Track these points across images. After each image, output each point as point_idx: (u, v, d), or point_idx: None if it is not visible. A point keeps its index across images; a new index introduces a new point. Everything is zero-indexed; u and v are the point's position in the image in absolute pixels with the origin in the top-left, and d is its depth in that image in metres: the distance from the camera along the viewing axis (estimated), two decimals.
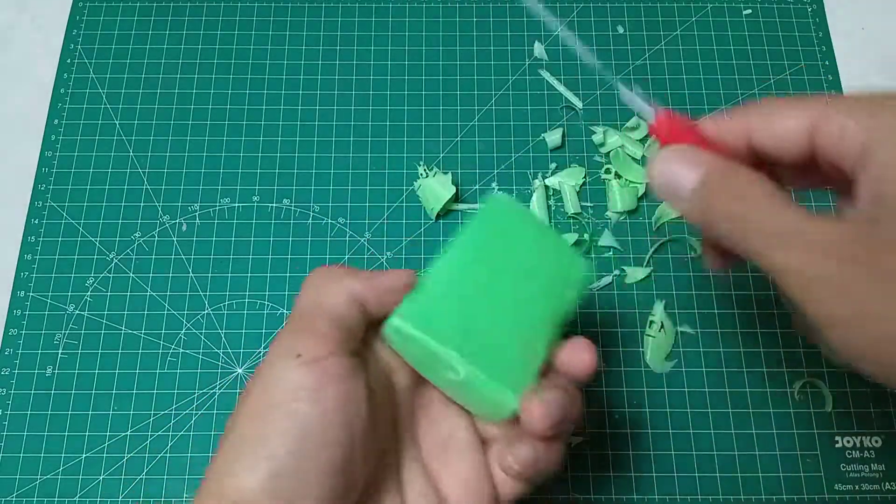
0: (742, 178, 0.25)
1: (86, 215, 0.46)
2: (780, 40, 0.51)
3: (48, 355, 0.43)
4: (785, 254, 0.23)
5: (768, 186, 0.24)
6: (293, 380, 0.27)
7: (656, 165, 0.27)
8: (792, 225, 0.23)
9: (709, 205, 0.25)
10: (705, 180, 0.26)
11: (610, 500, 0.40)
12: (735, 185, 0.25)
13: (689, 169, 0.26)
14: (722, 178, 0.25)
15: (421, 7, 0.52)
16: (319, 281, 0.30)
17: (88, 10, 0.52)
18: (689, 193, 0.26)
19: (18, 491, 0.40)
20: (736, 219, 0.24)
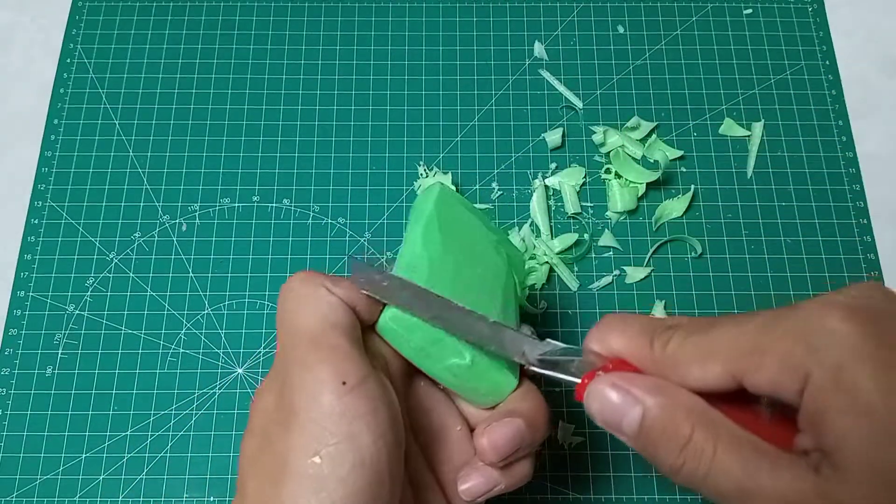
0: (688, 416, 0.24)
1: (86, 215, 0.46)
2: (780, 40, 0.51)
3: (48, 355, 0.43)
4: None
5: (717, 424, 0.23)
6: (349, 407, 0.25)
7: (591, 394, 0.26)
8: (749, 482, 0.22)
9: (654, 454, 0.25)
10: (643, 426, 0.24)
11: (610, 500, 0.40)
12: (681, 427, 0.24)
13: (626, 405, 0.25)
14: (667, 418, 0.24)
15: (421, 7, 0.52)
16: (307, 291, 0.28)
17: (88, 10, 0.52)
18: (630, 434, 0.25)
19: (18, 491, 0.40)
20: (683, 473, 0.24)
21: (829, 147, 0.48)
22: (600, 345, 0.27)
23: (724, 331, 0.24)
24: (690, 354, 0.24)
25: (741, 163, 0.48)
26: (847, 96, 0.50)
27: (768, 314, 0.24)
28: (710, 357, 0.24)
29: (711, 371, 0.24)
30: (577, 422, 0.41)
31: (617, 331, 0.26)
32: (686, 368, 0.24)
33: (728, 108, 0.49)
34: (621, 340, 0.26)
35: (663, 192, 0.47)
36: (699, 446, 0.23)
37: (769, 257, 0.45)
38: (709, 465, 0.23)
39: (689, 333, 0.25)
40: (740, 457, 0.22)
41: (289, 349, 0.27)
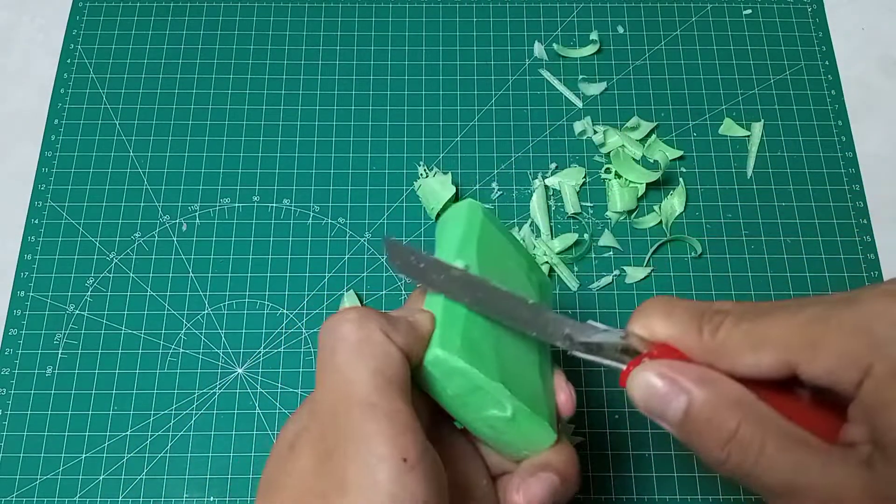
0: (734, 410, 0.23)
1: (86, 215, 0.46)
2: (780, 40, 0.51)
3: (48, 355, 0.43)
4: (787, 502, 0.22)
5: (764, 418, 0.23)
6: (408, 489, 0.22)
7: (635, 381, 0.25)
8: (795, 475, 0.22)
9: (698, 445, 0.24)
10: (688, 417, 0.24)
11: (610, 500, 0.40)
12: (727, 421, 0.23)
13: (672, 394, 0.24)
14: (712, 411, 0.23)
15: (421, 7, 0.52)
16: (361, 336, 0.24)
17: (88, 10, 0.52)
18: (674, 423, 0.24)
19: (18, 491, 0.40)
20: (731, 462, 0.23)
21: (829, 147, 0.48)
22: (645, 329, 0.25)
23: (778, 319, 0.23)
24: (742, 342, 0.23)
25: (741, 163, 0.48)
26: (847, 96, 0.50)
27: (823, 302, 0.23)
28: (763, 346, 0.23)
29: (764, 360, 0.23)
30: (577, 422, 0.41)
31: (663, 315, 0.25)
32: (737, 356, 0.23)
33: (728, 108, 0.49)
34: (667, 325, 0.25)
35: (663, 192, 0.47)
36: (746, 441, 0.22)
37: (769, 257, 0.45)
38: (755, 460, 0.22)
39: (740, 320, 0.24)
40: (789, 453, 0.22)
41: (339, 410, 0.23)
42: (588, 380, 0.42)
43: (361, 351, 0.24)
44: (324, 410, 0.24)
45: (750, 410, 0.23)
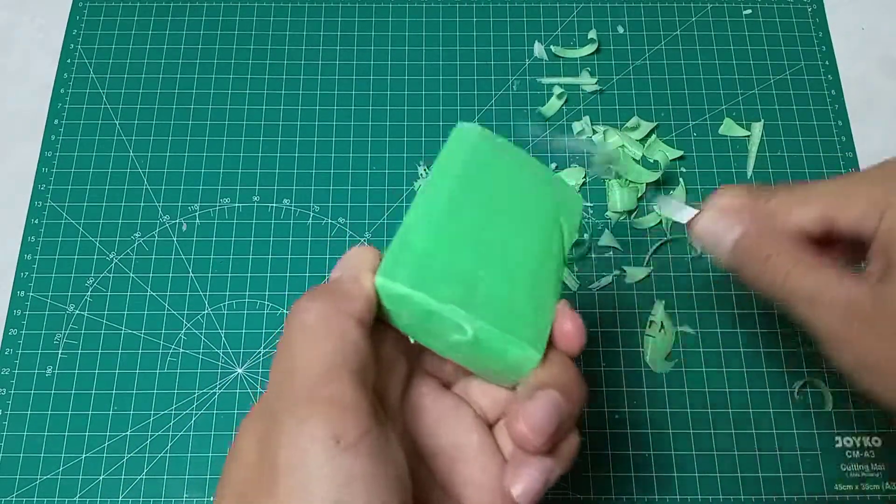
0: (770, 242, 0.29)
1: (86, 215, 0.46)
2: (780, 40, 0.51)
3: (48, 355, 0.43)
4: (808, 311, 0.27)
5: (793, 251, 0.28)
6: (342, 469, 0.21)
7: (699, 221, 0.31)
8: (817, 287, 0.27)
9: (742, 264, 0.30)
10: (740, 242, 0.29)
11: (610, 500, 0.40)
12: (764, 249, 0.29)
13: (727, 229, 0.30)
14: (754, 241, 0.29)
15: (421, 7, 0.52)
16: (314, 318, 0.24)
17: (88, 10, 0.52)
18: (727, 251, 0.30)
19: (18, 491, 0.40)
20: (765, 279, 0.28)
21: (829, 147, 0.48)
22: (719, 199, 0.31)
23: (819, 183, 0.29)
24: (791, 202, 0.29)
25: (741, 163, 0.48)
26: (847, 96, 0.50)
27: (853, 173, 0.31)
28: (807, 202, 0.29)
29: (809, 213, 0.28)
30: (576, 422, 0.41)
31: (732, 190, 0.31)
32: (786, 214, 0.29)
33: (728, 108, 0.49)
34: (732, 198, 0.30)
35: (663, 192, 0.47)
36: (780, 263, 0.28)
37: None
38: (784, 277, 0.28)
39: (791, 189, 0.30)
40: (812, 272, 0.27)
41: (282, 392, 0.23)
42: (588, 380, 0.42)
43: (317, 334, 0.23)
44: (270, 397, 0.23)
45: (783, 242, 0.28)
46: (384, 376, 0.26)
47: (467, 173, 0.27)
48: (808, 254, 0.28)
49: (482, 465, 0.26)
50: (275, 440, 0.22)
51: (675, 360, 0.43)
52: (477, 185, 0.27)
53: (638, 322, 0.44)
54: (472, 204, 0.26)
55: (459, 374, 0.29)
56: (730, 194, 0.31)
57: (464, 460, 0.26)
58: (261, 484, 0.22)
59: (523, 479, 0.25)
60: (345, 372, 0.23)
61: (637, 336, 0.43)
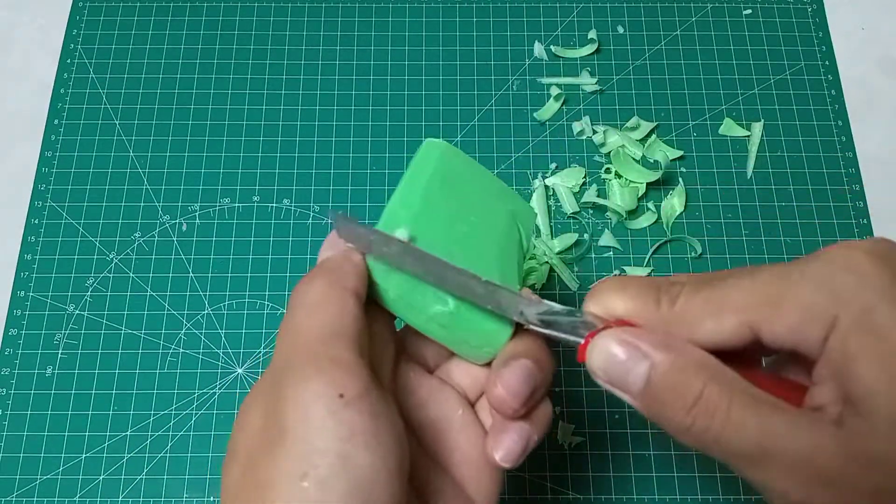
0: (693, 377, 0.22)
1: (86, 215, 0.46)
2: (780, 40, 0.52)
3: (48, 355, 0.43)
4: (764, 475, 0.21)
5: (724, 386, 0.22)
6: (344, 423, 0.21)
7: (593, 351, 0.24)
8: (768, 439, 0.21)
9: (661, 410, 0.23)
10: (654, 380, 0.23)
11: (610, 500, 0.40)
12: (687, 388, 0.22)
13: (632, 362, 0.23)
14: (670, 379, 0.22)
15: (421, 7, 0.52)
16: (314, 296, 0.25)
17: (88, 10, 0.52)
18: (637, 393, 0.23)
19: (18, 491, 0.40)
20: (695, 429, 0.22)
21: (829, 147, 0.48)
22: (600, 307, 0.25)
23: (737, 282, 0.23)
24: (702, 308, 0.23)
25: (741, 163, 0.48)
26: (847, 96, 0.50)
27: (781, 264, 0.23)
28: (724, 309, 0.23)
29: (726, 324, 0.22)
30: (576, 422, 0.41)
31: (617, 291, 0.25)
32: (698, 324, 0.23)
33: (728, 108, 0.49)
34: (624, 301, 0.24)
35: (663, 192, 0.47)
36: (712, 403, 0.22)
37: (769, 257, 0.45)
38: (722, 424, 0.21)
39: (698, 289, 0.23)
40: (757, 415, 0.21)
41: (285, 359, 0.24)
42: (588, 380, 0.42)
43: (316, 309, 0.24)
44: (275, 368, 0.24)
45: (715, 372, 0.22)
46: (376, 353, 0.27)
47: (438, 176, 0.29)
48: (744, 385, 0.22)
49: (466, 436, 0.28)
50: (280, 402, 0.22)
51: None
52: (446, 186, 0.29)
53: None
54: (444, 199, 0.29)
55: (440, 361, 0.30)
56: (621, 300, 0.24)
57: (450, 431, 0.28)
58: (267, 443, 0.22)
59: (505, 443, 0.26)
60: (343, 339, 0.24)
61: None
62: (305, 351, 0.23)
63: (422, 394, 0.28)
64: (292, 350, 0.24)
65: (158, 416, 0.42)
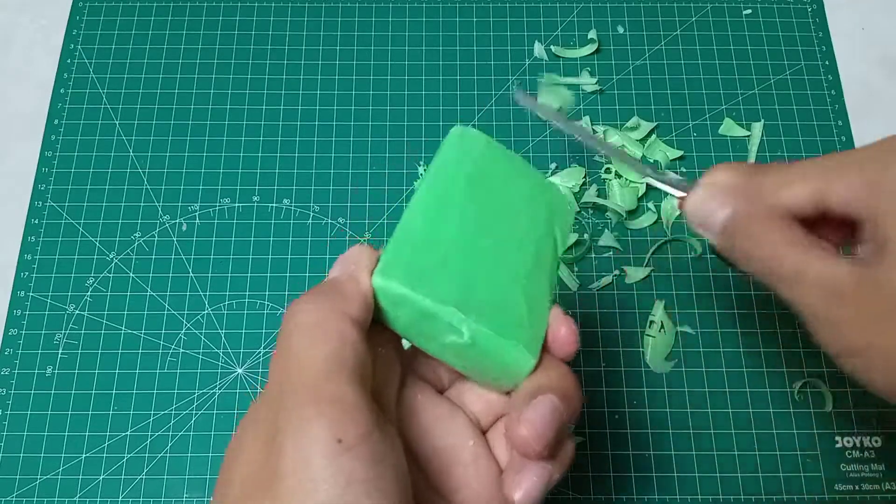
0: (762, 222, 0.27)
1: (86, 215, 0.46)
2: (780, 40, 0.51)
3: (48, 355, 0.43)
4: (797, 292, 0.26)
5: (785, 231, 0.27)
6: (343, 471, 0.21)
7: (690, 199, 0.30)
8: (803, 267, 0.26)
9: (732, 245, 0.28)
10: (730, 222, 0.28)
11: (610, 500, 0.40)
12: (755, 229, 0.28)
13: (719, 207, 0.29)
14: (745, 221, 0.28)
15: (421, 7, 0.53)
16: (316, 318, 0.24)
17: (88, 10, 0.52)
18: (718, 231, 0.29)
19: (18, 491, 0.40)
20: (755, 260, 0.27)
21: (829, 147, 0.48)
22: (710, 177, 0.30)
23: (811, 161, 0.28)
24: (783, 180, 0.28)
25: None
26: (847, 96, 0.50)
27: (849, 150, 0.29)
28: (800, 180, 0.27)
29: (800, 192, 0.27)
30: (577, 422, 0.41)
31: (725, 168, 0.30)
32: (778, 193, 0.28)
33: (728, 108, 0.49)
34: (727, 174, 0.29)
35: (663, 192, 0.47)
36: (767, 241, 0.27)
37: None
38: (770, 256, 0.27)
39: (784, 168, 0.28)
40: (799, 249, 0.26)
41: (285, 392, 0.23)
42: (588, 380, 0.42)
43: (315, 335, 0.23)
44: (272, 397, 0.23)
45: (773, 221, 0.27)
46: (380, 378, 0.26)
47: (464, 177, 0.27)
48: (796, 233, 0.27)
49: (476, 470, 0.26)
50: (279, 441, 0.22)
51: (675, 360, 0.43)
52: (473, 190, 0.27)
53: (638, 322, 0.44)
54: (469, 208, 0.27)
55: (453, 379, 0.29)
56: (723, 173, 0.30)
57: (458, 464, 0.26)
58: (264, 484, 0.22)
59: (524, 484, 0.25)
60: (345, 373, 0.23)
61: (637, 336, 0.43)
62: (304, 386, 0.22)
63: (429, 418, 0.27)
64: (289, 383, 0.23)
65: (158, 416, 0.42)
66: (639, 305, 0.44)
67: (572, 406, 0.26)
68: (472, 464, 0.27)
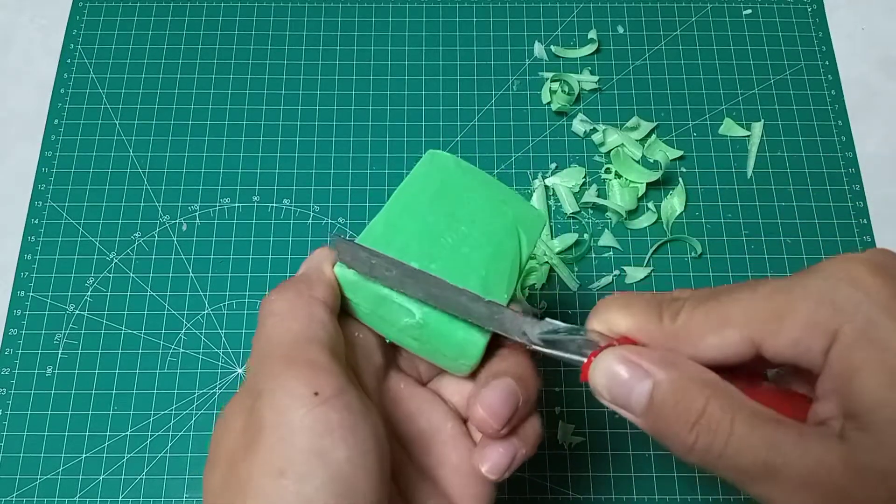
0: (695, 394, 0.22)
1: (86, 215, 0.46)
2: (780, 40, 0.51)
3: (48, 355, 0.43)
4: (764, 489, 0.21)
5: (726, 402, 0.22)
6: (320, 419, 0.22)
7: (596, 370, 0.24)
8: (773, 458, 0.21)
9: (664, 428, 0.23)
10: (657, 397, 0.23)
11: (610, 500, 0.40)
12: (689, 405, 0.22)
13: (635, 380, 0.23)
14: (677, 394, 0.22)
15: (421, 7, 0.53)
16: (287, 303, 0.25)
17: (88, 10, 0.52)
18: (641, 411, 0.23)
19: (18, 491, 0.40)
20: (699, 447, 0.22)
21: (829, 147, 0.48)
22: (603, 324, 0.25)
23: (738, 297, 0.23)
24: (704, 323, 0.23)
25: (741, 163, 0.48)
26: (847, 96, 0.50)
27: (782, 279, 0.23)
28: (726, 324, 0.23)
29: (728, 338, 0.22)
30: (577, 422, 0.41)
31: (620, 308, 0.25)
32: (700, 339, 0.23)
33: (728, 108, 0.49)
34: (626, 318, 0.24)
35: (663, 192, 0.47)
36: (715, 420, 0.21)
37: (769, 257, 0.45)
38: (726, 440, 0.21)
39: (700, 304, 0.23)
40: (761, 430, 0.21)
41: (262, 365, 0.24)
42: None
43: (286, 318, 0.25)
44: (250, 375, 0.25)
45: (717, 389, 0.22)
46: (359, 363, 0.27)
47: (429, 192, 0.29)
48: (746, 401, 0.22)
49: (456, 448, 0.28)
50: (257, 404, 0.23)
51: None
52: (437, 202, 0.29)
53: None
54: (430, 216, 0.29)
55: (431, 374, 0.30)
56: (623, 317, 0.24)
57: (439, 443, 0.28)
58: (245, 444, 0.23)
59: (490, 456, 0.26)
60: (316, 343, 0.24)
61: None
62: (279, 355, 0.24)
63: (411, 406, 0.29)
64: (266, 357, 0.24)
65: (158, 416, 0.42)
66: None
67: (529, 389, 0.27)
68: (451, 443, 0.28)
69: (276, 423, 0.22)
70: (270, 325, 0.25)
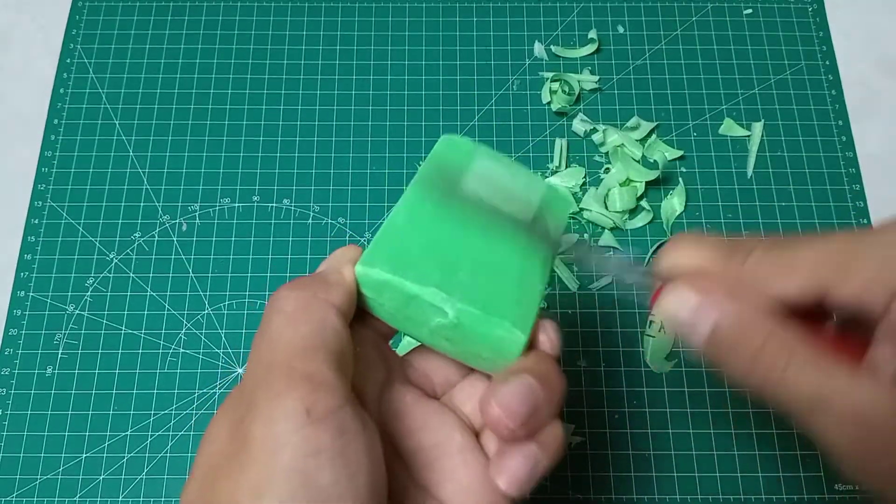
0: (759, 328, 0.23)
1: (86, 215, 0.46)
2: (780, 40, 0.51)
3: (48, 355, 0.43)
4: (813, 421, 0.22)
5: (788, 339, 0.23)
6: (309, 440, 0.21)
7: (664, 300, 0.25)
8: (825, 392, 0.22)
9: (724, 357, 0.24)
10: (718, 330, 0.24)
11: (610, 500, 0.40)
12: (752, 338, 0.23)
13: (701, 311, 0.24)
14: (737, 329, 0.23)
15: (421, 7, 0.52)
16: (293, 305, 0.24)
17: (88, 10, 0.52)
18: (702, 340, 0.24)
19: (18, 491, 0.40)
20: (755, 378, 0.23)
21: (829, 147, 0.48)
22: (674, 260, 0.25)
23: (808, 247, 0.24)
24: (773, 268, 0.24)
25: (741, 163, 0.48)
26: (847, 96, 0.50)
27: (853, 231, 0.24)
28: (794, 271, 0.23)
29: (795, 283, 0.23)
30: (576, 422, 0.41)
31: (692, 246, 0.25)
32: (767, 282, 0.24)
33: (728, 108, 0.49)
34: (697, 255, 0.25)
35: (663, 192, 0.47)
36: (771, 356, 0.22)
37: None
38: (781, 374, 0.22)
39: (770, 248, 0.24)
40: (815, 367, 0.22)
41: (259, 373, 0.23)
42: (588, 379, 0.42)
43: (295, 318, 0.24)
44: (248, 378, 0.23)
45: (777, 325, 0.23)
46: (361, 374, 0.26)
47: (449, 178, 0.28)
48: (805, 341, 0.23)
49: (463, 463, 0.26)
50: (248, 416, 0.22)
51: (675, 360, 0.43)
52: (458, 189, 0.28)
53: (638, 322, 0.44)
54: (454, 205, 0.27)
55: (445, 387, 0.29)
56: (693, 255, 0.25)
57: (445, 457, 0.26)
58: (228, 457, 0.22)
59: (509, 467, 0.24)
60: (321, 353, 0.23)
61: (637, 336, 0.43)
62: (280, 364, 0.23)
63: (416, 419, 0.27)
64: (268, 362, 0.23)
65: (158, 416, 0.42)
66: (639, 305, 0.44)
67: (552, 391, 0.25)
68: (458, 458, 0.26)
69: (263, 437, 0.21)
70: (276, 325, 0.24)
